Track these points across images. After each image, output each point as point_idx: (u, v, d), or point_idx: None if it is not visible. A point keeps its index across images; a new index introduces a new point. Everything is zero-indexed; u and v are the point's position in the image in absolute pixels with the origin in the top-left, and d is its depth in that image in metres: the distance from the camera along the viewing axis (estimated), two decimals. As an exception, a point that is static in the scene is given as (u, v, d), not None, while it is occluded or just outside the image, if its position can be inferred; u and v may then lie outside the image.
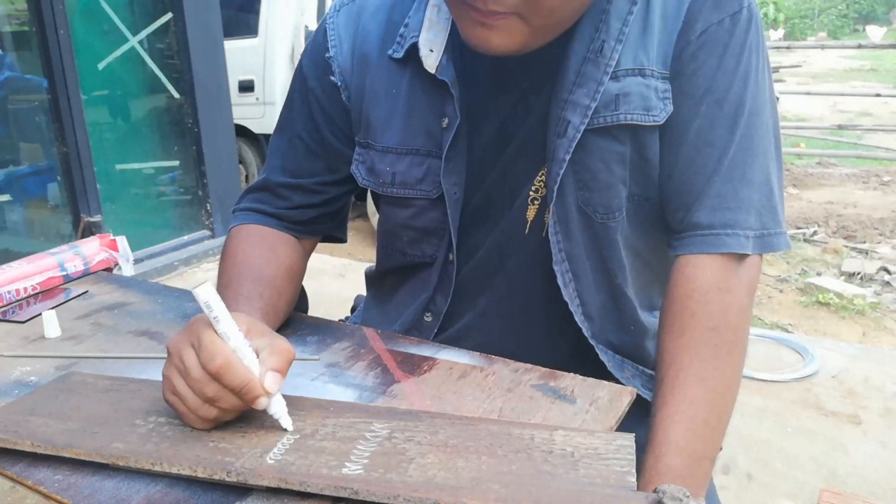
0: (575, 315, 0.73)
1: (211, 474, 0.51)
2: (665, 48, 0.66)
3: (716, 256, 0.66)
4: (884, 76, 14.62)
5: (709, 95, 0.66)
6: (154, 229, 3.34)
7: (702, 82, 0.66)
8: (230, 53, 3.57)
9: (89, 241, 1.04)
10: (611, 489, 0.48)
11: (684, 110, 0.67)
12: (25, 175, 2.94)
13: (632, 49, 0.66)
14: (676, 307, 0.65)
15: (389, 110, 0.75)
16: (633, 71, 0.66)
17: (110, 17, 3.02)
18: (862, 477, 1.64)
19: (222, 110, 3.51)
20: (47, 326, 0.80)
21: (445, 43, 0.70)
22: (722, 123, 0.66)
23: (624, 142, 0.68)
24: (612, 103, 0.66)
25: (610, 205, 0.70)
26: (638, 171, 0.69)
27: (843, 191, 5.91)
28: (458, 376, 0.68)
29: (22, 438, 0.55)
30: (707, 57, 0.66)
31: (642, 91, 0.66)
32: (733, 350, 0.63)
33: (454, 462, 0.51)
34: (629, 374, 0.76)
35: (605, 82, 0.65)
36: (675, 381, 0.61)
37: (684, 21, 0.66)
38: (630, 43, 0.66)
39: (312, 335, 0.79)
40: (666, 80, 0.67)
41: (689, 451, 0.57)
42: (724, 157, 0.66)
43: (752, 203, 0.66)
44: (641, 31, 0.66)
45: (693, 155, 0.67)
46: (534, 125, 0.71)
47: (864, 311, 3.19)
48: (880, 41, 12.34)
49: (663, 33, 0.66)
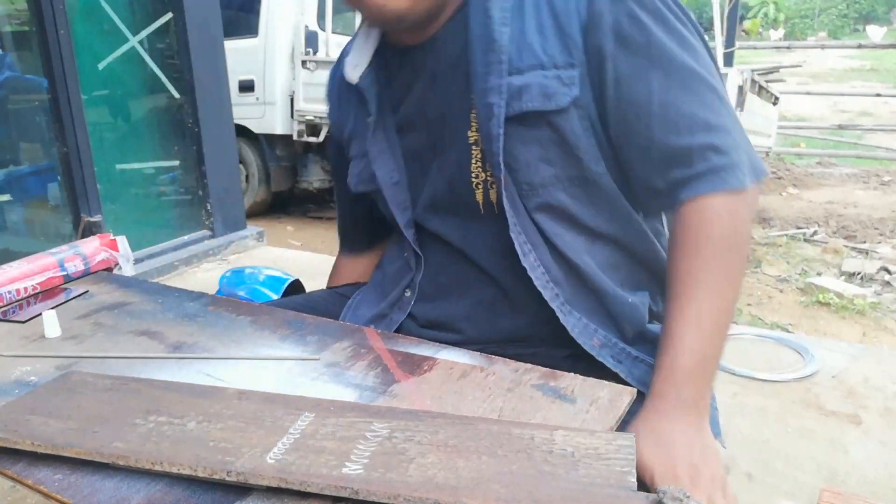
0: (537, 281, 0.77)
1: (211, 474, 0.51)
2: (566, 41, 0.74)
3: (723, 192, 0.72)
4: (884, 76, 14.62)
5: (656, 70, 0.72)
6: (154, 229, 3.34)
7: (643, 64, 0.72)
8: (230, 53, 3.57)
9: (89, 241, 1.04)
10: (611, 489, 0.48)
11: (637, 90, 0.73)
12: (25, 175, 2.94)
13: (530, 48, 0.74)
14: (692, 232, 0.72)
15: (352, 125, 0.90)
16: (535, 66, 0.74)
17: (110, 17, 3.02)
18: (862, 477, 1.64)
19: (222, 110, 3.51)
20: (47, 326, 0.80)
21: (370, 59, 0.84)
22: (679, 87, 0.72)
23: (536, 125, 0.75)
24: (517, 94, 0.74)
25: (532, 181, 0.77)
26: (562, 152, 0.76)
27: (843, 191, 5.91)
28: (458, 376, 0.68)
29: (22, 438, 0.55)
30: (634, 43, 0.72)
31: (541, 82, 0.73)
32: (740, 267, 0.72)
33: (454, 462, 0.51)
34: (598, 343, 0.77)
35: (505, 62, 0.74)
36: (692, 293, 0.70)
37: (588, 17, 0.73)
38: (528, 43, 0.74)
39: (312, 335, 0.79)
40: (572, 68, 0.74)
41: (702, 354, 0.68)
42: (694, 114, 0.72)
43: (737, 144, 0.73)
44: (537, 32, 0.74)
45: (665, 122, 0.73)
46: (456, 112, 0.79)
47: (865, 311, 3.19)
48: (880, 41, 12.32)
49: (559, 30, 0.74)
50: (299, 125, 4.90)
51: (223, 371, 0.71)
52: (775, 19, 27.61)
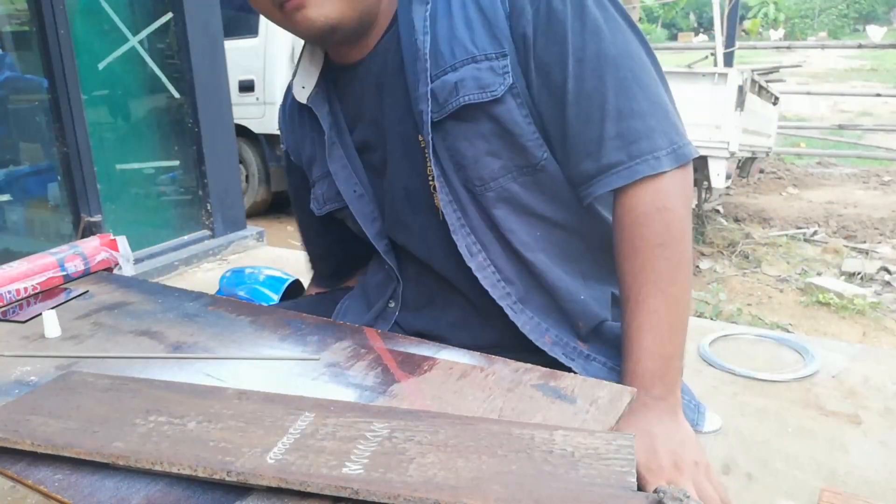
0: (485, 281, 0.78)
1: (211, 474, 0.51)
2: (493, 32, 0.75)
3: (641, 183, 0.72)
4: (884, 76, 14.62)
5: (570, 58, 0.73)
6: (154, 229, 3.33)
7: (558, 50, 0.73)
8: (230, 53, 3.57)
9: (89, 241, 1.04)
10: (611, 489, 0.48)
11: (555, 77, 0.74)
12: (25, 175, 2.94)
13: (461, 43, 0.75)
14: (626, 234, 0.72)
15: (309, 148, 0.91)
16: (467, 60, 0.75)
17: (110, 17, 3.02)
18: (862, 477, 1.64)
19: (222, 110, 3.51)
20: (47, 326, 0.80)
21: (317, 79, 0.85)
22: (592, 76, 0.72)
23: (477, 119, 0.76)
24: (453, 90, 0.75)
25: (483, 176, 0.77)
26: (506, 143, 0.76)
27: (843, 191, 5.91)
28: (458, 376, 0.68)
29: (22, 438, 0.55)
30: (551, 30, 0.73)
31: (475, 74, 0.74)
32: (682, 259, 0.71)
33: (454, 462, 0.51)
34: (550, 341, 0.78)
35: (428, 69, 0.75)
36: (639, 296, 0.70)
37: (510, 7, 0.75)
38: (458, 39, 0.76)
39: (312, 335, 0.79)
40: (503, 57, 0.75)
41: (661, 353, 0.69)
42: (606, 102, 0.72)
43: (652, 129, 0.72)
44: (465, 27, 0.76)
45: (578, 111, 0.73)
46: (404, 119, 0.80)
47: (864, 311, 3.19)
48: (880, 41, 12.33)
49: (486, 22, 0.75)
50: (299, 125, 4.89)
51: (223, 371, 0.71)
52: (775, 19, 27.60)
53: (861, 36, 23.29)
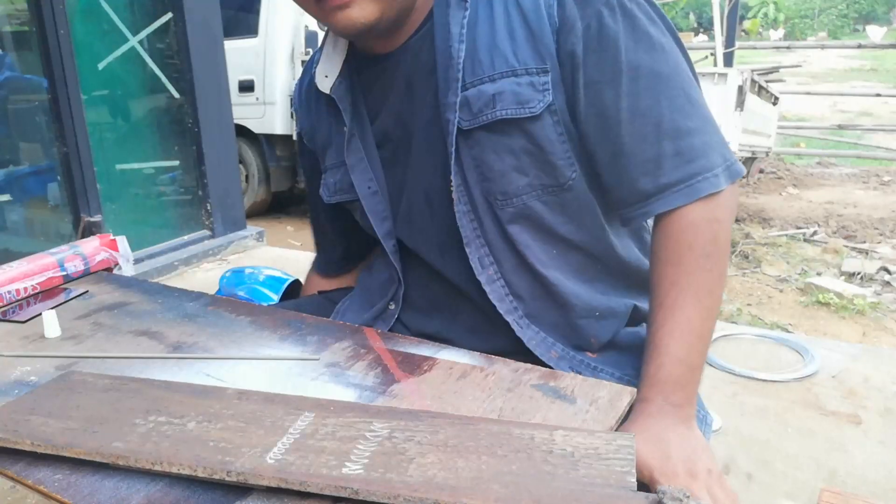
0: (493, 294, 0.78)
1: (211, 474, 0.51)
2: (537, 46, 0.73)
3: (698, 201, 0.71)
4: (884, 76, 14.61)
5: (623, 77, 0.71)
6: (154, 229, 3.33)
7: (610, 69, 0.72)
8: (230, 53, 3.57)
9: (89, 241, 1.04)
10: (611, 489, 0.48)
11: (606, 96, 0.72)
12: (25, 175, 2.94)
13: (502, 54, 0.73)
14: (672, 241, 0.72)
15: (325, 133, 0.89)
16: (507, 72, 0.73)
17: (110, 17, 3.02)
18: (862, 477, 1.64)
19: (222, 110, 3.51)
20: (47, 326, 0.80)
21: (341, 67, 0.83)
22: (646, 94, 0.71)
23: (511, 134, 0.74)
24: (490, 102, 0.73)
25: (507, 191, 0.76)
26: (536, 160, 0.75)
27: (843, 191, 5.91)
28: (458, 376, 0.68)
29: (22, 438, 0.55)
30: (603, 48, 0.72)
31: (515, 89, 0.73)
32: (722, 272, 0.72)
33: (454, 462, 0.51)
34: (556, 356, 0.78)
35: (460, 79, 0.73)
36: (675, 303, 0.70)
37: (560, 22, 0.72)
38: (499, 49, 0.73)
39: (312, 335, 0.79)
40: (545, 73, 0.73)
41: (687, 362, 0.68)
42: (662, 120, 0.71)
43: (708, 146, 0.72)
44: (508, 37, 0.73)
45: (633, 130, 0.72)
46: (432, 120, 0.78)
47: (864, 311, 3.19)
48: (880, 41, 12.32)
49: (530, 34, 0.73)
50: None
51: (223, 371, 0.71)
52: (775, 19, 27.60)
53: (861, 36, 23.29)
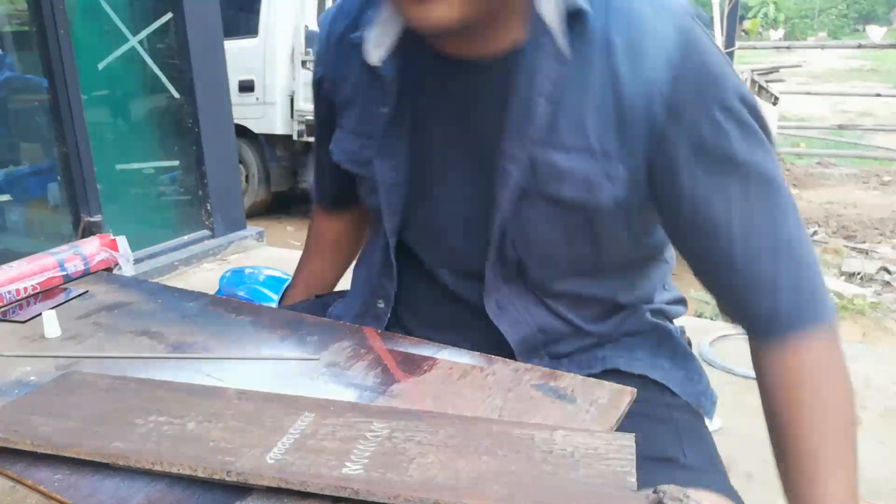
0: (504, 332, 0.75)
1: (211, 474, 0.51)
2: (626, 134, 0.65)
3: (814, 341, 0.66)
4: (884, 76, 14.62)
5: (735, 186, 0.65)
6: (154, 229, 3.34)
7: (722, 178, 0.65)
8: (230, 53, 3.57)
9: (89, 241, 1.04)
10: (611, 489, 0.48)
11: (716, 209, 0.66)
12: (25, 175, 2.94)
13: (584, 129, 0.65)
14: (809, 399, 0.66)
15: (353, 93, 0.80)
16: (582, 148, 0.66)
17: (110, 17, 3.02)
18: (862, 477, 1.64)
19: (222, 110, 3.51)
20: (47, 326, 0.80)
21: (394, 40, 0.72)
22: (762, 208, 0.66)
23: (570, 212, 0.69)
24: (556, 176, 0.67)
25: (544, 261, 0.73)
26: (588, 239, 0.71)
27: (843, 191, 5.91)
28: (458, 376, 0.68)
29: (22, 438, 0.55)
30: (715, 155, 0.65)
31: (586, 171, 0.66)
32: (856, 432, 0.67)
33: (454, 462, 0.51)
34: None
35: (533, 136, 0.66)
36: (822, 469, 0.65)
37: (665, 115, 0.64)
38: (584, 121, 0.65)
39: (312, 335, 0.79)
40: (623, 165, 0.66)
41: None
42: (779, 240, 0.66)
43: (820, 275, 0.68)
44: (597, 112, 0.65)
45: (748, 249, 0.66)
46: (478, 154, 0.72)
47: (864, 311, 3.19)
48: (880, 41, 12.30)
49: (622, 119, 0.65)
50: (299, 125, 4.90)
51: (223, 371, 0.71)
52: (775, 19, 27.60)
53: (861, 36, 23.28)
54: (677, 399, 0.78)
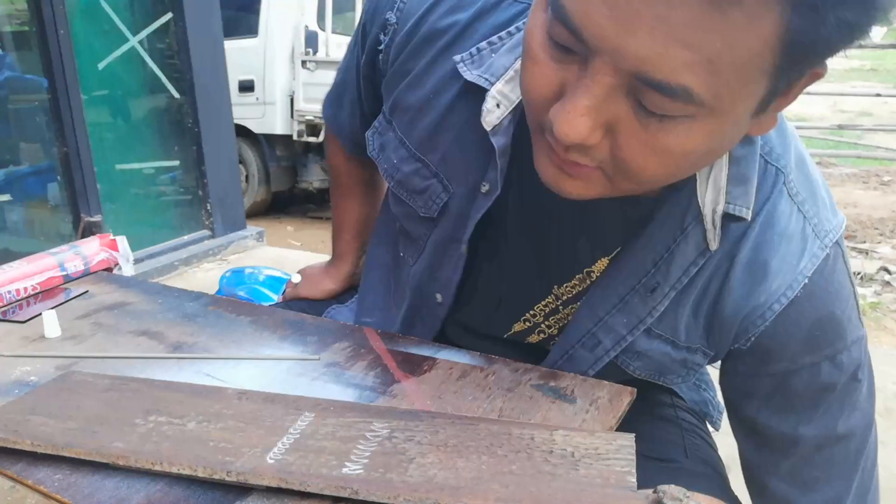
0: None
1: (211, 474, 0.51)
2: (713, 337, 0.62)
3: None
4: (884, 76, 14.61)
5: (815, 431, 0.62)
6: (154, 229, 3.34)
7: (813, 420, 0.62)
8: (230, 53, 3.57)
9: (89, 241, 1.04)
10: (611, 489, 0.48)
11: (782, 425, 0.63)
12: (25, 175, 2.94)
13: (673, 319, 0.62)
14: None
15: (423, 108, 0.67)
16: (667, 339, 0.64)
17: (110, 17, 3.02)
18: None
19: (222, 110, 3.51)
20: (47, 326, 0.80)
21: (518, 105, 0.60)
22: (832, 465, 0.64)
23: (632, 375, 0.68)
24: (632, 355, 0.66)
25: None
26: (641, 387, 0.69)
27: (843, 191, 5.91)
28: (458, 376, 0.68)
29: (22, 438, 0.55)
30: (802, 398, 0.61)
31: (663, 359, 0.65)
32: None
33: (454, 462, 0.51)
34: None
35: (647, 322, 0.62)
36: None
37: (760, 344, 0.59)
38: (675, 313, 0.62)
39: (312, 335, 0.79)
40: (704, 357, 0.64)
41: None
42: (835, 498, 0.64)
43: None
44: (693, 309, 0.61)
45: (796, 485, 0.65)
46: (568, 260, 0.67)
47: (864, 311, 3.19)
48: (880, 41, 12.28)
49: (715, 324, 0.61)
50: (299, 125, 4.91)
51: (223, 371, 0.71)
52: (775, 19, 27.56)
53: (861, 36, 23.21)
54: (682, 402, 0.78)
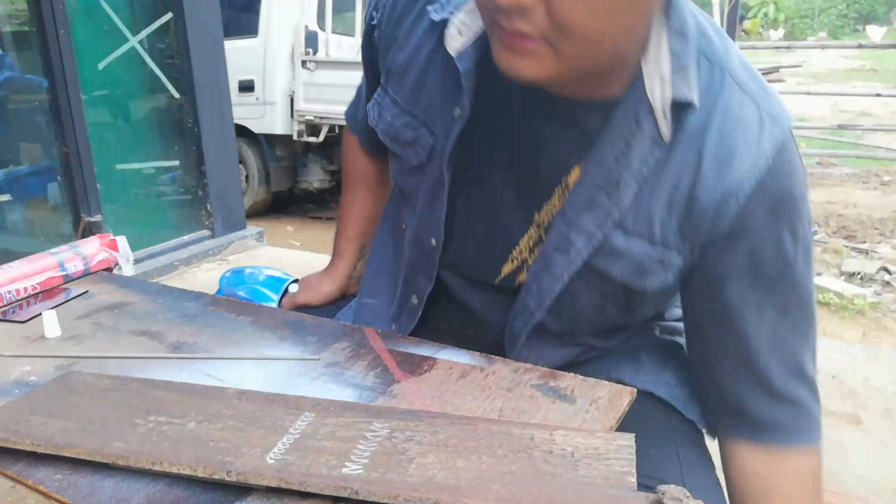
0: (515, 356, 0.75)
1: (211, 474, 0.51)
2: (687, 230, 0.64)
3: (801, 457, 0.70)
4: (884, 76, 14.61)
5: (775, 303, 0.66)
6: (154, 229, 3.34)
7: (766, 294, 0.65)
8: (230, 53, 3.57)
9: (89, 241, 1.04)
10: (611, 489, 0.48)
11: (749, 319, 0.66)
12: (25, 175, 2.94)
13: (648, 215, 0.64)
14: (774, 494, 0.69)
15: (409, 65, 0.74)
16: (644, 235, 0.65)
17: (110, 17, 3.02)
18: (862, 477, 1.64)
19: (222, 110, 3.51)
20: (47, 326, 0.80)
21: (480, 34, 0.66)
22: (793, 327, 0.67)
23: (613, 286, 0.69)
24: (611, 253, 0.66)
25: (573, 318, 0.74)
26: (619, 309, 0.72)
27: (843, 191, 5.91)
28: (458, 376, 0.68)
29: (22, 438, 0.55)
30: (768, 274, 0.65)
31: (641, 255, 0.65)
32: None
33: (454, 462, 0.51)
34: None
35: (613, 215, 0.64)
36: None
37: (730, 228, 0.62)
38: (651, 210, 0.64)
39: (312, 335, 0.79)
40: (679, 255, 0.65)
41: None
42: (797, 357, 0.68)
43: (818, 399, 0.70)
44: (667, 205, 0.63)
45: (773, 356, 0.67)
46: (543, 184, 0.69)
47: (864, 311, 3.19)
48: (880, 41, 12.30)
49: (688, 217, 0.63)
50: (299, 125, 4.91)
51: (223, 371, 0.71)
52: (775, 19, 27.62)
53: (861, 36, 23.28)
54: (681, 417, 0.77)
